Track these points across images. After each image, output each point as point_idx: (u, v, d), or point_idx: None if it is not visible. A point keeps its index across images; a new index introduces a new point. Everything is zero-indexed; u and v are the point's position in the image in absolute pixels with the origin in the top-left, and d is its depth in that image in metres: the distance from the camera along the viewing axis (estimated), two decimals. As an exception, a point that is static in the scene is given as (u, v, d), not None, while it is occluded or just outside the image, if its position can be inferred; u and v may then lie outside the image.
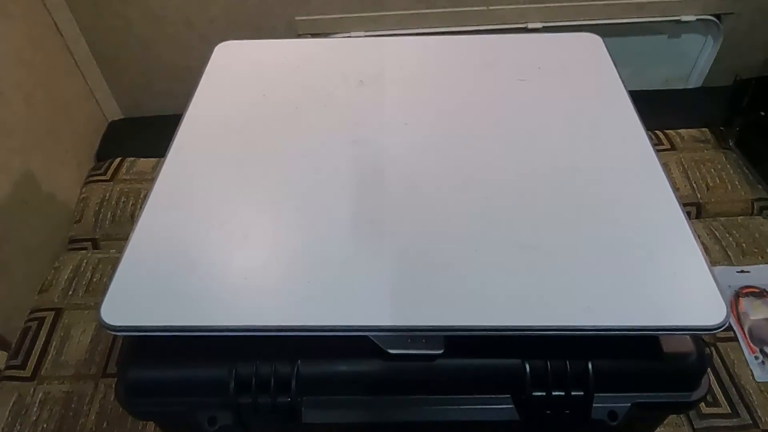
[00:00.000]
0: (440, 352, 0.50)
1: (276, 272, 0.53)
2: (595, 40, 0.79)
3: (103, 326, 0.49)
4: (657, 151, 0.61)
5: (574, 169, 0.60)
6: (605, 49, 0.77)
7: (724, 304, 0.48)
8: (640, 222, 0.55)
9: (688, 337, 0.52)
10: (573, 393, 0.50)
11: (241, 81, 0.74)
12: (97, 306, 0.50)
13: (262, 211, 0.58)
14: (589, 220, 0.55)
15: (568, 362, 0.50)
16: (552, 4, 1.29)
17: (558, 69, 0.74)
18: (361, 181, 0.60)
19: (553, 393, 0.50)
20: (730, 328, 0.94)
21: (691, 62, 1.44)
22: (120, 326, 0.49)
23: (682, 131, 1.27)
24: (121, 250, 0.54)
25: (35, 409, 0.89)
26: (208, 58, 0.78)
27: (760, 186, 1.16)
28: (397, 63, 0.76)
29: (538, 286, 0.50)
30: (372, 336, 0.50)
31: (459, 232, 0.55)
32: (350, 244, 0.54)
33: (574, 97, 0.69)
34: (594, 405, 0.50)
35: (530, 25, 1.31)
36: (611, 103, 0.68)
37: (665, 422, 0.64)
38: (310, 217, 0.57)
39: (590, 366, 0.49)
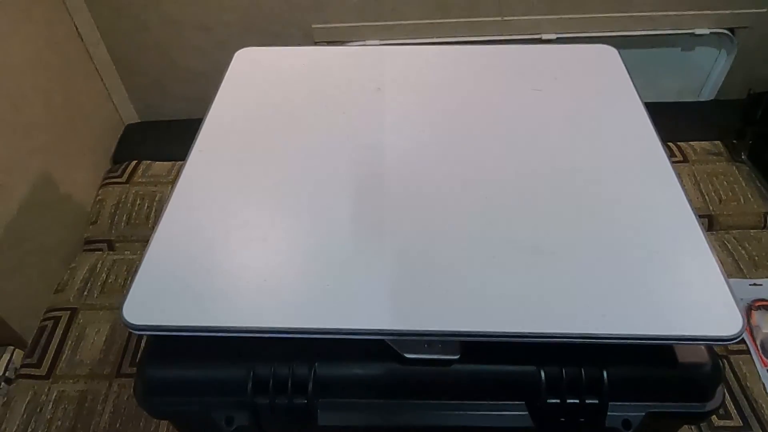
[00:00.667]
0: (456, 357, 0.51)
1: (295, 274, 0.53)
2: (611, 52, 0.79)
3: (125, 325, 0.50)
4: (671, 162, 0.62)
5: (594, 176, 0.61)
6: (621, 60, 0.78)
7: (740, 315, 0.48)
8: (652, 227, 0.56)
9: (703, 347, 0.52)
10: (587, 401, 0.50)
11: (260, 86, 0.75)
12: (120, 305, 0.51)
13: (281, 213, 0.59)
14: (604, 224, 0.56)
15: (583, 370, 0.50)
16: (566, 16, 1.30)
17: (574, 79, 0.74)
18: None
19: (568, 400, 0.50)
20: (742, 340, 0.93)
21: (705, 75, 1.44)
22: (142, 325, 0.50)
23: (694, 143, 1.28)
24: (136, 252, 0.55)
25: (50, 407, 0.90)
26: (224, 64, 0.80)
27: (772, 199, 1.16)
28: (414, 71, 0.77)
29: (555, 293, 0.51)
30: (389, 340, 0.50)
31: (472, 234, 0.56)
32: (370, 246, 0.55)
33: (590, 106, 0.70)
34: (608, 413, 0.51)
35: (544, 36, 1.32)
36: (627, 112, 0.69)
37: (677, 433, 0.64)
38: (329, 219, 0.58)
39: (605, 374, 0.50)
